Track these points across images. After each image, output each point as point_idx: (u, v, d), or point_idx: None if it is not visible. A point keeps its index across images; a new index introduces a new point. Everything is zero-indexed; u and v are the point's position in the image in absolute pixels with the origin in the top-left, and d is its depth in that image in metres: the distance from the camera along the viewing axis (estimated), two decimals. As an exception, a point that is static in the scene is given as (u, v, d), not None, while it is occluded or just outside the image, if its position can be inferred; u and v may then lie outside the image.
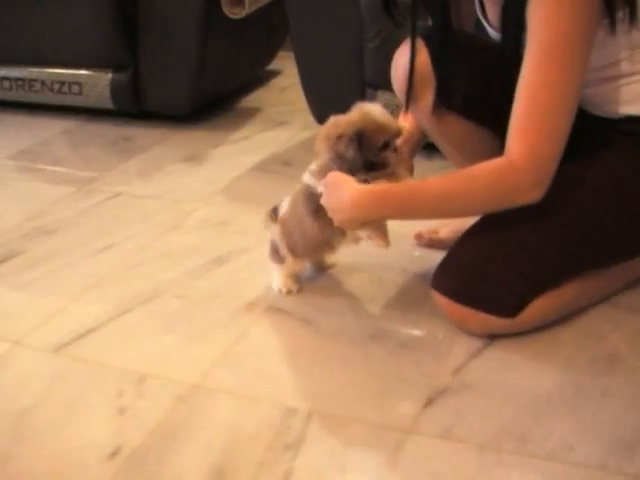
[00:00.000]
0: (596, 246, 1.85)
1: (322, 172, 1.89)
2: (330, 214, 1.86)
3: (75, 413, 1.69)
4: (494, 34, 1.92)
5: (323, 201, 1.87)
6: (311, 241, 1.98)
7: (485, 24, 1.95)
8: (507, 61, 1.76)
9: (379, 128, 1.84)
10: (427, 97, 1.96)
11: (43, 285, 2.19)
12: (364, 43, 2.78)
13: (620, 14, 1.69)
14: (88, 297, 2.12)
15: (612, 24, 1.68)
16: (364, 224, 1.86)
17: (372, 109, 1.87)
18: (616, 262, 1.92)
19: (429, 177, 1.85)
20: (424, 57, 1.93)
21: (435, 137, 2.10)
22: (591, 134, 1.89)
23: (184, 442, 1.59)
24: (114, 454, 1.57)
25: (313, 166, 1.96)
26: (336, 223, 1.87)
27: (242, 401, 1.71)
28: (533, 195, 1.73)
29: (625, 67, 1.79)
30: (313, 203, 1.91)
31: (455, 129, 2.03)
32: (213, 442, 1.59)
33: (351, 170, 1.84)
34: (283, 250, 2.02)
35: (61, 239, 2.45)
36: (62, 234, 2.48)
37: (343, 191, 1.82)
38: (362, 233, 1.89)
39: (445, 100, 1.95)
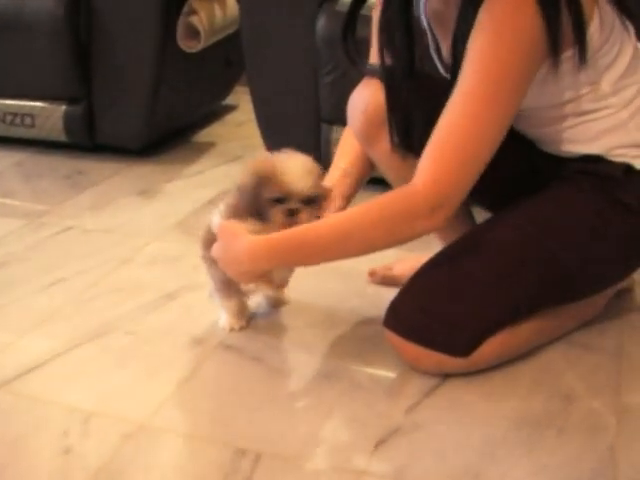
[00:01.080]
0: (552, 284, 1.83)
1: (228, 212, 1.87)
2: (223, 267, 1.84)
3: (19, 452, 1.64)
4: (446, 74, 1.90)
5: (215, 254, 1.85)
6: (222, 284, 1.96)
7: (438, 64, 1.93)
8: None
9: (276, 184, 1.80)
10: (383, 139, 1.92)
11: (-9, 319, 2.14)
12: (320, 78, 2.77)
13: (569, 53, 1.66)
14: (37, 332, 2.07)
15: (555, 64, 1.65)
16: (259, 276, 1.84)
17: (289, 163, 1.82)
18: (571, 301, 1.90)
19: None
20: (380, 98, 1.90)
21: (392, 179, 2.05)
22: (548, 171, 1.88)
23: (131, 483, 1.55)
24: (58, 495, 1.52)
25: (222, 206, 1.91)
26: (231, 276, 1.85)
27: (191, 441, 1.67)
28: (431, 223, 1.70)
29: (580, 106, 1.77)
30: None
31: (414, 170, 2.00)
32: (160, 483, 1.55)
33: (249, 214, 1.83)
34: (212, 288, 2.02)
35: (10, 273, 2.39)
36: (12, 268, 2.43)
37: (239, 244, 1.78)
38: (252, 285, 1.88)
39: (403, 141, 1.93)
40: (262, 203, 1.81)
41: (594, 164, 1.82)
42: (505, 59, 1.63)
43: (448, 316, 1.79)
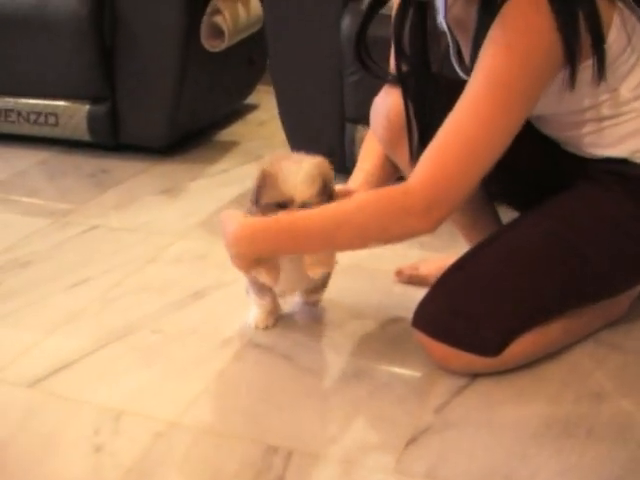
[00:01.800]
0: (581, 283, 1.83)
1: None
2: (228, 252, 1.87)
3: (50, 450, 1.65)
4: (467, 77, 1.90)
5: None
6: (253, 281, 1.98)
7: (458, 68, 1.93)
8: None
9: (277, 188, 1.81)
10: (406, 144, 1.92)
11: (18, 318, 2.14)
12: (344, 77, 2.76)
13: (587, 63, 1.66)
14: (63, 331, 2.08)
15: (572, 75, 1.64)
16: (257, 263, 1.84)
17: (293, 168, 1.81)
18: (601, 299, 1.90)
19: None
20: (400, 104, 1.90)
21: None
22: (573, 171, 1.88)
23: (162, 482, 1.55)
24: (90, 493, 1.52)
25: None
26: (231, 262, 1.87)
27: (221, 439, 1.67)
28: (424, 223, 1.69)
29: (602, 111, 1.77)
30: None
31: None
32: (192, 482, 1.56)
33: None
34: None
35: (36, 272, 2.40)
36: (37, 267, 2.43)
37: (229, 226, 1.83)
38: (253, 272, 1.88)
39: (423, 147, 1.93)
40: (264, 205, 1.83)
41: (620, 165, 1.82)
42: (515, 73, 1.63)
43: (477, 316, 1.79)
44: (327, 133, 2.91)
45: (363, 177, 1.96)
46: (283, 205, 1.79)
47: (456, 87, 1.80)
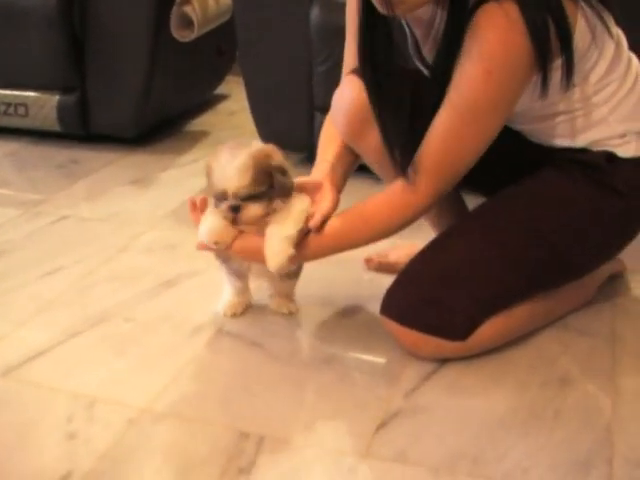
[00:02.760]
0: (545, 266, 1.86)
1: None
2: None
3: (24, 438, 1.65)
4: (425, 71, 1.92)
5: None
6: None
7: (417, 61, 1.94)
8: (435, 102, 1.75)
9: (212, 181, 1.83)
10: (368, 135, 1.93)
11: (-10, 308, 2.15)
12: (313, 67, 2.78)
13: (557, 63, 1.67)
14: (36, 320, 2.08)
15: (545, 78, 1.67)
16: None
17: (224, 159, 1.80)
18: (565, 282, 1.93)
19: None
20: (362, 96, 1.89)
21: (380, 172, 2.08)
22: (537, 160, 1.91)
23: (136, 467, 1.57)
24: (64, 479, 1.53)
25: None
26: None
27: (193, 425, 1.69)
28: (427, 206, 1.83)
29: (564, 105, 1.80)
30: None
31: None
32: (165, 467, 1.57)
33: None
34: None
35: (7, 262, 2.41)
36: (8, 257, 2.44)
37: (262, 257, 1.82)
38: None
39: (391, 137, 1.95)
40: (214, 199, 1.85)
41: (580, 154, 1.86)
42: (496, 97, 1.68)
43: (445, 301, 1.82)
44: (296, 123, 2.92)
45: (328, 167, 1.96)
46: (221, 197, 1.80)
47: (416, 76, 1.89)
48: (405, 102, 1.89)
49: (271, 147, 1.86)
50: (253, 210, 1.79)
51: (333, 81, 2.08)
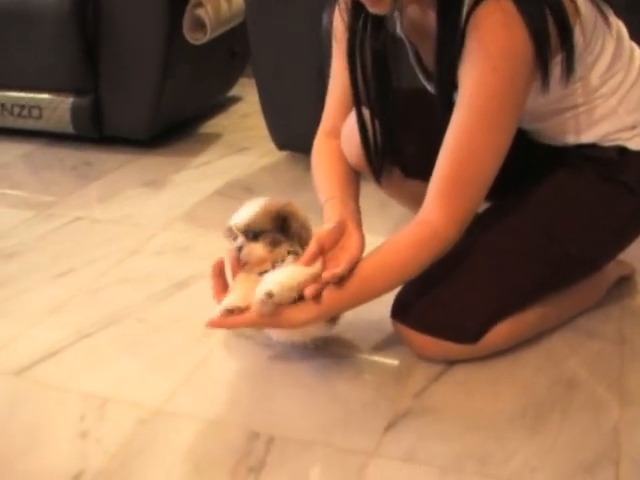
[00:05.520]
0: (557, 268, 1.87)
1: None
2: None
3: (37, 437, 1.68)
4: (429, 86, 1.91)
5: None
6: None
7: (420, 74, 1.95)
8: (442, 113, 1.73)
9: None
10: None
11: (3, 309, 2.18)
12: (325, 70, 2.78)
13: (557, 59, 1.66)
14: (48, 321, 2.11)
15: (545, 75, 1.65)
16: None
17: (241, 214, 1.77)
18: (576, 280, 1.95)
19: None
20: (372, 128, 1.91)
21: (394, 199, 2.13)
22: (545, 159, 1.92)
23: (147, 466, 1.59)
24: (76, 478, 1.56)
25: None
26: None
27: (204, 425, 1.71)
28: (455, 239, 1.75)
29: (573, 100, 1.81)
30: None
31: (413, 191, 2.01)
32: (176, 466, 1.59)
33: None
34: None
35: (20, 263, 2.43)
36: (21, 258, 2.47)
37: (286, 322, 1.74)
38: None
39: (397, 165, 1.99)
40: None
41: (590, 149, 1.86)
42: (504, 94, 1.64)
43: (456, 305, 1.83)
44: (308, 125, 2.93)
45: (339, 204, 1.88)
46: (233, 236, 1.77)
47: (416, 96, 1.89)
48: (408, 125, 1.93)
49: (291, 201, 1.81)
50: (255, 249, 1.75)
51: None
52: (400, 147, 1.94)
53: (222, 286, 1.80)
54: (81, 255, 2.47)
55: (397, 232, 1.78)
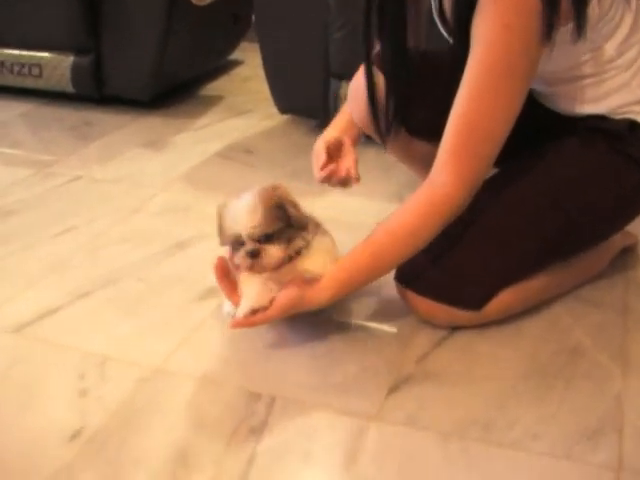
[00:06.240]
0: (562, 236, 1.85)
1: None
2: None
3: (36, 394, 1.67)
4: (449, 38, 1.88)
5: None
6: None
7: (441, 28, 1.92)
8: (458, 67, 1.69)
9: (223, 231, 1.74)
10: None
11: (2, 267, 2.17)
12: (330, 33, 2.77)
13: (569, 26, 1.65)
14: (48, 280, 2.10)
15: (549, 33, 1.61)
16: None
17: (231, 206, 1.71)
18: (580, 250, 1.93)
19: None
20: (380, 83, 1.90)
21: (400, 160, 2.11)
22: (554, 128, 1.90)
23: (146, 425, 1.58)
24: (75, 436, 1.55)
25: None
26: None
27: (205, 385, 1.70)
28: (464, 203, 1.72)
29: (586, 69, 1.78)
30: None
31: (419, 152, 2.03)
32: (176, 426, 1.58)
33: None
34: None
35: (20, 221, 2.42)
36: (20, 216, 2.45)
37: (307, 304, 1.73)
38: None
39: (405, 125, 1.97)
40: (231, 246, 1.74)
41: (599, 121, 1.84)
42: (516, 53, 1.61)
43: (462, 270, 1.81)
44: (311, 89, 2.92)
45: (347, 119, 1.99)
46: (239, 242, 1.69)
47: (430, 58, 1.88)
48: (420, 86, 1.91)
49: (277, 183, 1.75)
50: (274, 252, 1.68)
51: (349, 48, 2.10)
52: (409, 107, 1.92)
53: (231, 286, 1.76)
54: (80, 214, 2.45)
55: (405, 200, 1.77)
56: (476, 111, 1.66)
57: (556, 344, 1.83)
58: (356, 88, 1.96)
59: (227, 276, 1.76)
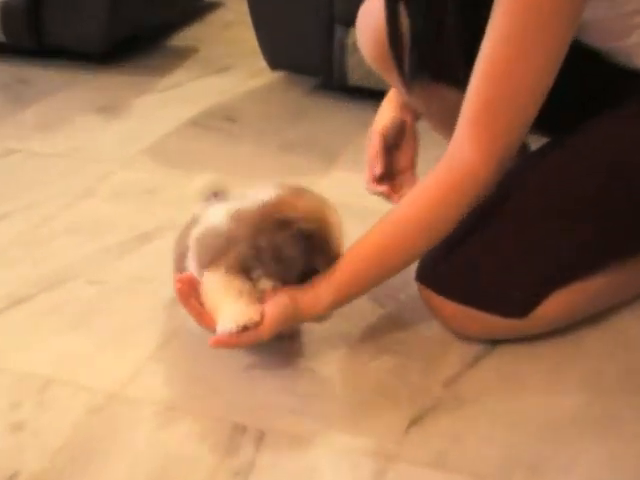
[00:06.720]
0: (621, 219, 1.83)
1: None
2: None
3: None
4: None
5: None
6: None
7: None
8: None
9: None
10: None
11: None
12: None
13: None
14: (-26, 280, 2.10)
15: None
16: None
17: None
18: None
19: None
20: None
21: (421, 110, 2.12)
22: (619, 90, 1.89)
23: (100, 466, 1.57)
24: (9, 481, 1.54)
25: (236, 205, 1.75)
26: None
27: (176, 415, 1.70)
28: (494, 181, 1.72)
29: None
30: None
31: (444, 99, 2.04)
32: (138, 467, 1.58)
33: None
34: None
35: (-64, 207, 2.42)
36: (-61, 200, 2.45)
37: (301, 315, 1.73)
38: None
39: (426, 69, 1.96)
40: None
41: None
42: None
43: (500, 269, 1.81)
44: (311, 38, 2.91)
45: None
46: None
47: None
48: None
49: (283, 192, 1.72)
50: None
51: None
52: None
53: (199, 307, 1.73)
54: (16, 198, 2.46)
55: (419, 182, 1.77)
56: (503, 65, 1.65)
57: (625, 363, 1.82)
58: (368, 12, 1.99)
59: (192, 296, 1.73)
